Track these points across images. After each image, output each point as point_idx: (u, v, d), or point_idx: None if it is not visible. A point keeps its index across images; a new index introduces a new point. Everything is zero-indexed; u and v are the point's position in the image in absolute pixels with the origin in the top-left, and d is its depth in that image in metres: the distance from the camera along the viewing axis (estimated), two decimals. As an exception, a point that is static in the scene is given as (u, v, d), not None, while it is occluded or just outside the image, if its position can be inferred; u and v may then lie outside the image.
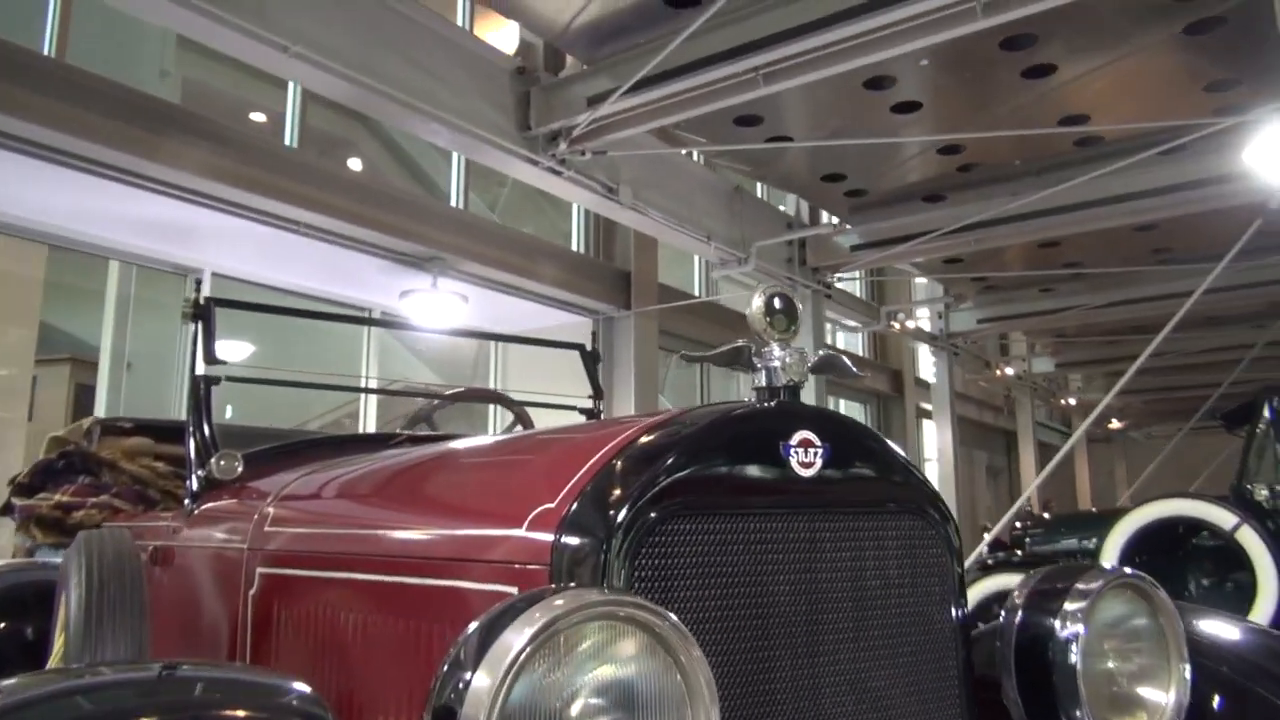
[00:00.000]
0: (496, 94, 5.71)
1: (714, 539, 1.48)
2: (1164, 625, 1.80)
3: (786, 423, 1.60)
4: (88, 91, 5.27)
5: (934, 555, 1.72)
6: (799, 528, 1.57)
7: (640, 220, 6.90)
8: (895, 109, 6.52)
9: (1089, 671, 1.72)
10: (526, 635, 1.13)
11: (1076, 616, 1.74)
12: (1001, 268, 10.09)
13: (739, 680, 1.46)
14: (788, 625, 1.52)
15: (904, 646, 1.64)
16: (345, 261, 7.08)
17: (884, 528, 1.67)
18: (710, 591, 1.46)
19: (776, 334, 1.66)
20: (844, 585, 1.59)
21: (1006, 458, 18.45)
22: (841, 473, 1.64)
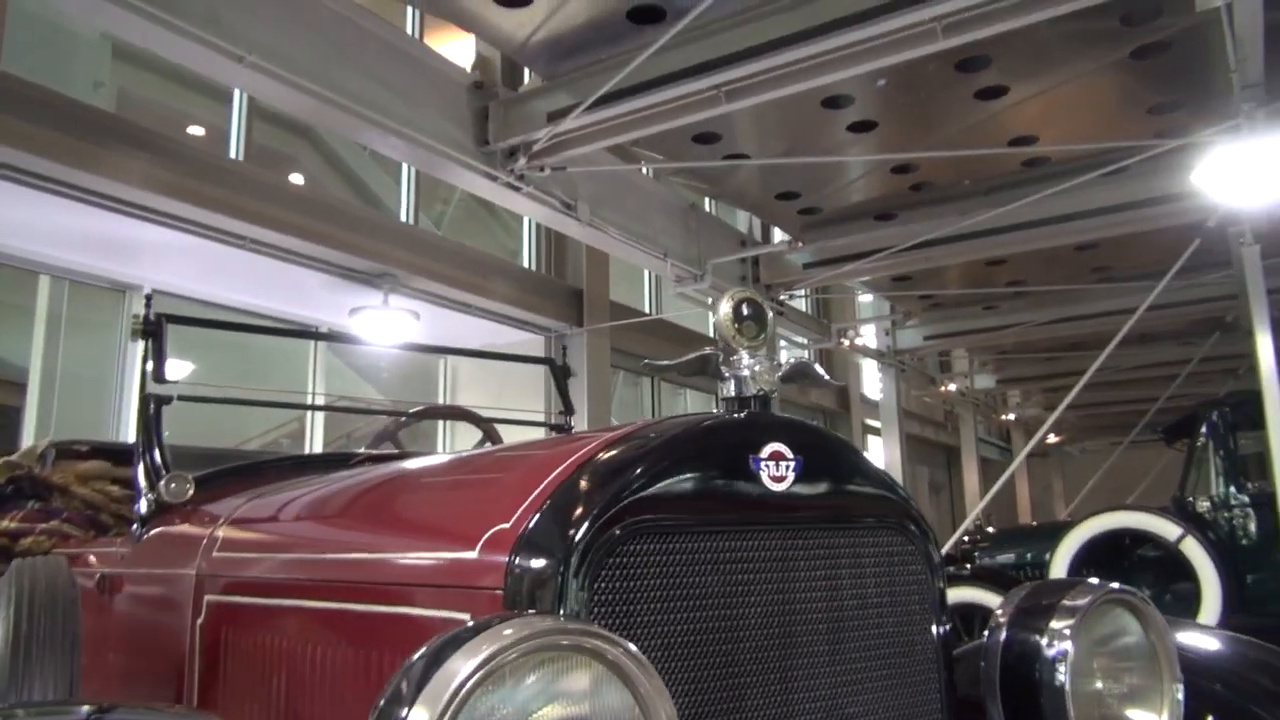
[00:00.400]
0: (454, 109, 5.61)
1: (680, 559, 1.40)
2: (1155, 643, 1.73)
3: (757, 435, 1.52)
4: (22, 100, 5.04)
5: (914, 572, 1.66)
6: (771, 545, 1.49)
7: (598, 237, 6.85)
8: (851, 128, 6.58)
9: (1077, 692, 1.65)
10: (470, 667, 1.05)
11: (1064, 634, 1.66)
12: (946, 285, 10.27)
13: (708, 709, 1.38)
14: (759, 649, 1.45)
15: (882, 669, 1.58)
16: (293, 278, 6.89)
17: (861, 544, 1.60)
18: (676, 615, 1.39)
19: (745, 341, 1.60)
20: (819, 605, 1.52)
21: (947, 473, 18.77)
22: (815, 487, 1.57)
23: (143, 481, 2.52)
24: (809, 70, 5.05)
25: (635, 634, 1.33)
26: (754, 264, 8.82)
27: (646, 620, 1.36)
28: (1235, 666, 2.04)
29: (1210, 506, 7.33)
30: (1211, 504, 7.33)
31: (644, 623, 1.35)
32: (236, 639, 1.92)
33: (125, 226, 5.84)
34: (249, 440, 8.25)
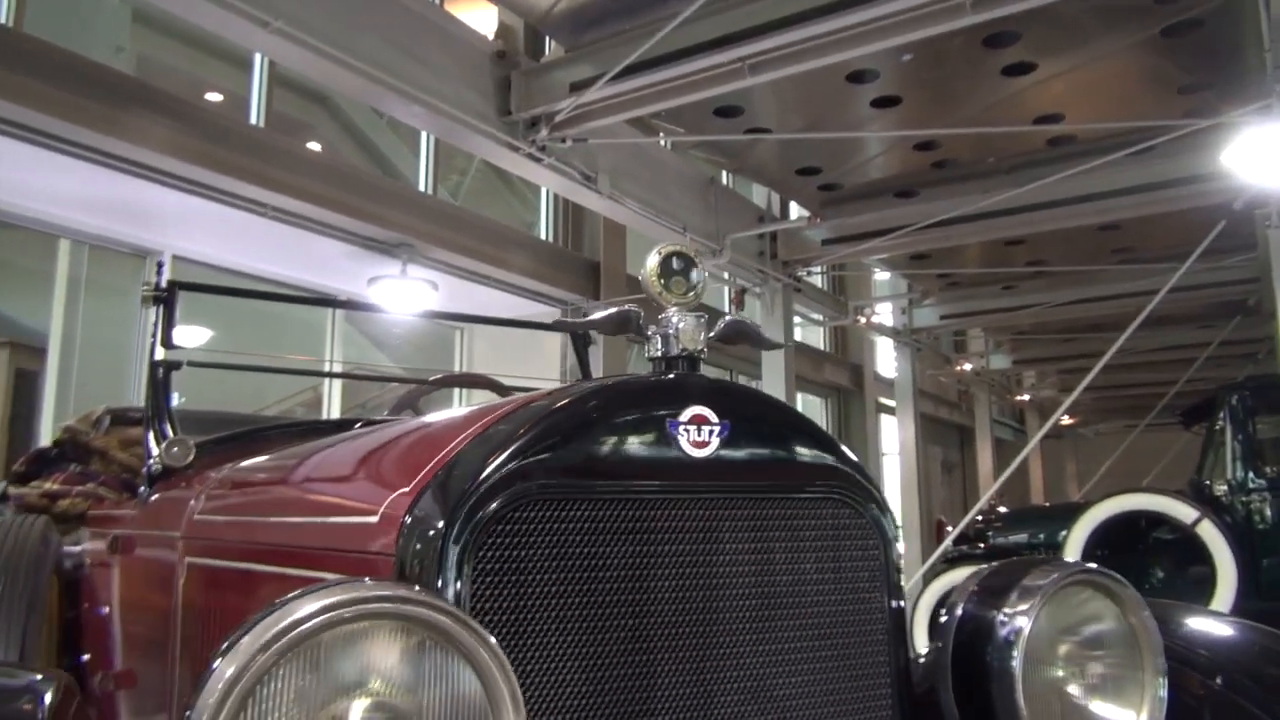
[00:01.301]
0: (476, 78, 5.58)
1: (583, 527, 1.32)
2: (1136, 630, 1.58)
3: (677, 397, 1.42)
4: (47, 63, 5.04)
5: (862, 546, 1.54)
6: (692, 515, 1.40)
7: (617, 209, 6.82)
8: (874, 103, 6.52)
9: (1032, 679, 1.52)
10: (275, 630, 1.01)
11: (1019, 616, 1.53)
12: (964, 264, 10.21)
13: (611, 685, 1.31)
14: (674, 624, 1.36)
15: (823, 649, 1.48)
16: (312, 246, 6.89)
17: (799, 515, 1.49)
18: (576, 586, 1.31)
19: (674, 298, 1.50)
20: (748, 580, 1.42)
21: (960, 453, 18.73)
22: (746, 453, 1.46)
23: (152, 445, 2.56)
24: (835, 44, 4.99)
25: (525, 604, 1.28)
26: (772, 239, 8.78)
27: (540, 591, 1.29)
28: (1242, 657, 1.89)
29: (1227, 490, 7.30)
30: (1229, 488, 7.30)
31: (536, 593, 1.28)
32: (209, 600, 1.94)
33: (146, 191, 5.85)
34: (266, 407, 8.31)
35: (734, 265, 8.09)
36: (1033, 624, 1.52)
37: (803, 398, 13.39)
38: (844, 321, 11.07)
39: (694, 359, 1.49)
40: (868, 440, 14.17)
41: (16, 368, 8.67)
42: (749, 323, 1.70)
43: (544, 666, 1.28)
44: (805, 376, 11.46)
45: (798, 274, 9.03)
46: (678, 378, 1.47)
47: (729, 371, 11.96)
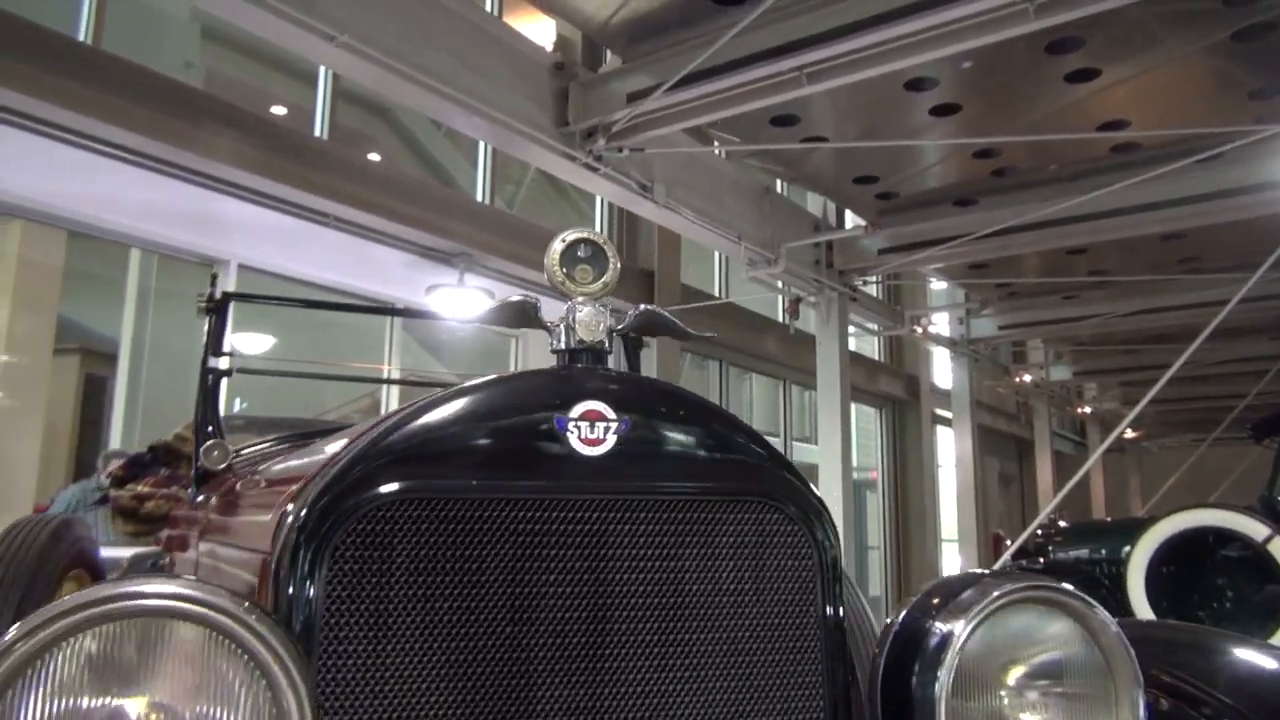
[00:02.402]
0: (535, 89, 5.65)
1: (454, 530, 1.24)
2: (1108, 657, 1.39)
3: (567, 391, 1.32)
4: (123, 79, 5.21)
5: (792, 554, 1.40)
6: (583, 519, 1.29)
7: (673, 219, 6.84)
8: (933, 111, 6.45)
9: (974, 710, 1.36)
10: (41, 619, 0.99)
11: (951, 637, 1.35)
12: (1023, 274, 10.04)
13: (481, 700, 1.23)
14: (561, 637, 1.26)
15: (741, 668, 1.35)
16: (372, 255, 7.02)
17: (716, 521, 1.36)
18: (445, 592, 1.23)
19: (579, 288, 1.41)
20: (651, 591, 1.31)
21: (1018, 465, 18.39)
22: (650, 453, 1.35)
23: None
24: (894, 52, 4.96)
25: (388, 609, 1.22)
26: (827, 248, 8.73)
27: (405, 595, 1.22)
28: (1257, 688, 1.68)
29: (1300, 507, 7.07)
30: (1302, 505, 7.07)
31: (401, 598, 1.22)
32: None
33: (213, 201, 6.01)
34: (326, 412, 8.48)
35: (789, 274, 8.05)
36: (962, 647, 1.35)
37: (856, 408, 13.29)
38: (900, 331, 10.95)
39: (599, 352, 1.41)
40: (923, 452, 13.98)
41: (87, 373, 8.96)
42: (663, 312, 1.58)
43: (407, 674, 1.21)
44: (859, 387, 11.36)
45: (853, 283, 8.96)
46: (569, 371, 1.39)
47: (782, 382, 11.91)
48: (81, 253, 7.66)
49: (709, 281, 11.17)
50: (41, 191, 5.84)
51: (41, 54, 4.80)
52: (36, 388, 7.57)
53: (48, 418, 7.69)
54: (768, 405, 12.77)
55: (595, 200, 9.54)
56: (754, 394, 13.25)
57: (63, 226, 6.51)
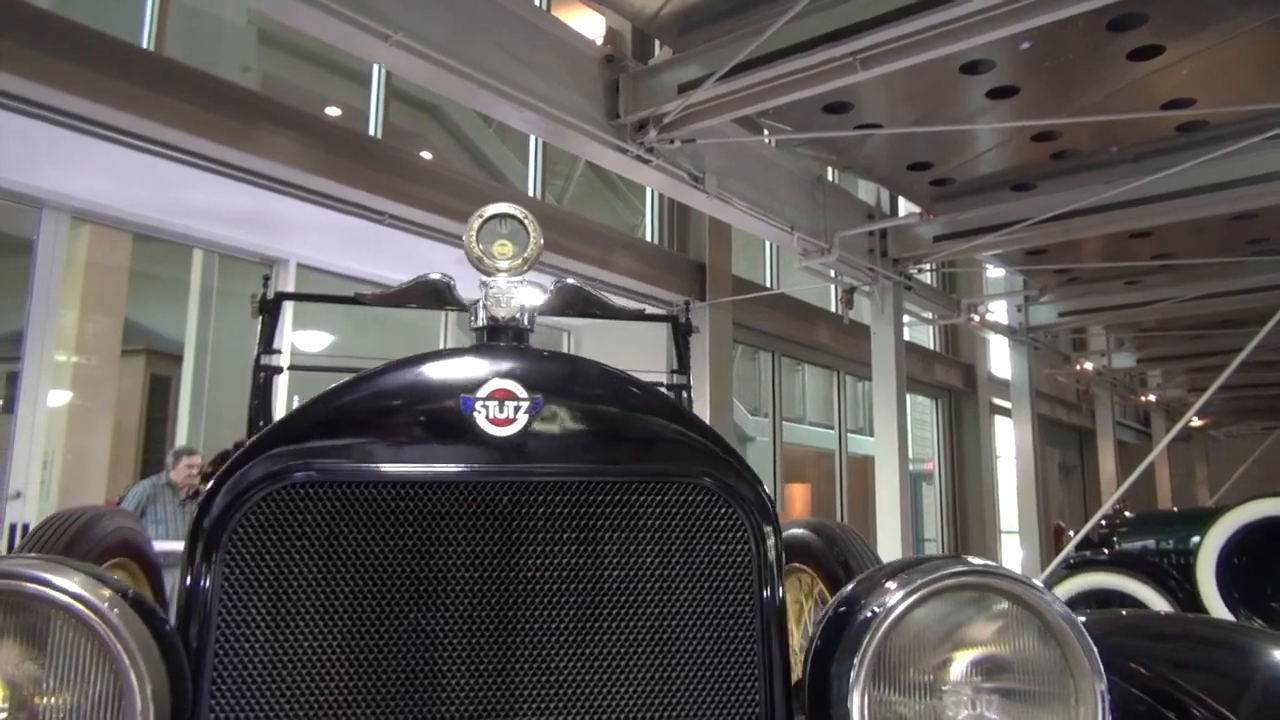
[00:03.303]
0: (586, 82, 5.66)
1: (357, 513, 1.22)
2: (1065, 649, 1.24)
3: (476, 371, 1.28)
4: (185, 84, 5.32)
5: (725, 538, 1.32)
6: (493, 501, 1.24)
7: (725, 209, 6.81)
8: (990, 94, 6.33)
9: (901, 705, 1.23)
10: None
11: (866, 628, 1.23)
12: (1083, 259, 9.80)
13: (383, 686, 1.19)
14: (471, 623, 1.22)
15: (667, 657, 1.27)
16: (426, 252, 7.09)
17: (639, 505, 1.29)
18: (347, 576, 1.20)
19: (497, 264, 1.37)
20: (565, 578, 1.25)
21: (1079, 455, 18.01)
22: (566, 432, 1.29)
23: None
24: (949, 34, 4.87)
25: (287, 596, 1.20)
26: (881, 237, 8.61)
27: (304, 580, 1.20)
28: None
29: (1381, 495, 6.80)
30: (1382, 493, 6.80)
31: (300, 583, 1.20)
32: None
33: (273, 202, 6.11)
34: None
35: (842, 264, 7.96)
36: (885, 633, 1.22)
37: (912, 399, 13.11)
38: (956, 320, 10.77)
39: (520, 330, 1.37)
40: (981, 443, 13.75)
41: (153, 373, 9.19)
42: (587, 288, 1.53)
43: (306, 658, 1.20)
44: (915, 377, 11.20)
45: (908, 272, 8.84)
46: (478, 350, 1.34)
47: (835, 373, 11.80)
48: (146, 255, 7.86)
49: (758, 273, 11.10)
50: (108, 195, 6.00)
51: (107, 60, 4.92)
52: (106, 388, 7.79)
53: (116, 416, 7.91)
54: (821, 397, 12.66)
55: (645, 193, 9.53)
56: (806, 385, 13.15)
57: (128, 229, 6.69)
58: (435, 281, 1.51)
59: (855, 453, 12.02)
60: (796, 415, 12.44)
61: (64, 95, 4.72)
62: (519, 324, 1.38)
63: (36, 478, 5.86)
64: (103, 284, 7.55)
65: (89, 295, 7.49)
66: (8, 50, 4.48)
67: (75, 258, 6.85)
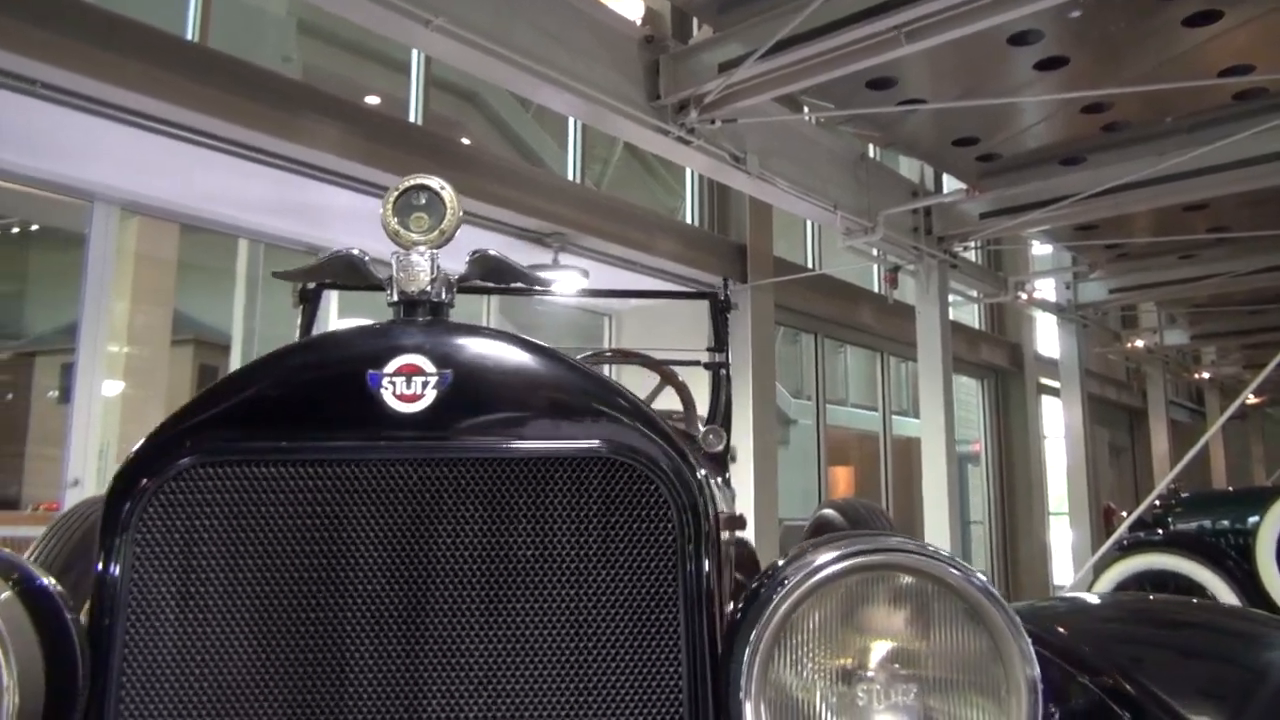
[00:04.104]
0: (626, 63, 5.62)
1: (261, 487, 1.21)
2: (996, 639, 1.14)
3: (384, 346, 1.26)
4: (229, 74, 5.37)
5: (646, 515, 1.26)
6: (401, 478, 1.22)
7: (766, 189, 6.74)
8: (1038, 66, 6.19)
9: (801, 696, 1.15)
10: None
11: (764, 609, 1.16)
12: (1135, 234, 9.58)
13: (296, 667, 1.19)
14: (376, 601, 1.20)
15: (582, 639, 1.23)
16: (469, 238, 7.09)
17: (553, 482, 1.25)
18: (253, 556, 1.20)
19: (414, 237, 1.33)
20: (475, 558, 1.23)
21: (1130, 436, 17.68)
22: (476, 409, 1.26)
23: None
24: (998, 4, 4.76)
25: (196, 577, 1.20)
26: (926, 214, 8.48)
27: (210, 562, 1.20)
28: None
29: None
30: None
31: (207, 564, 1.20)
32: None
33: (316, 190, 6.16)
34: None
35: (886, 243, 7.86)
36: (783, 615, 1.15)
37: (957, 380, 12.94)
38: (1004, 298, 10.59)
39: (436, 304, 1.34)
40: (1028, 423, 13.55)
41: (201, 363, 9.35)
42: (500, 256, 1.48)
43: (214, 641, 1.20)
44: (960, 357, 11.05)
45: (954, 250, 8.70)
46: (388, 325, 1.32)
47: (879, 354, 11.68)
48: (193, 246, 7.98)
49: (799, 253, 11.00)
50: (156, 187, 6.09)
51: (154, 53, 4.97)
52: (158, 377, 7.93)
53: (168, 405, 8.05)
54: (864, 378, 12.54)
55: (685, 174, 9.48)
56: (849, 367, 13.03)
57: (175, 220, 6.78)
58: (349, 257, 1.47)
59: (899, 435, 11.90)
60: (839, 397, 12.34)
61: (114, 89, 4.79)
62: (431, 298, 1.34)
63: (93, 466, 5.98)
64: (152, 275, 7.67)
65: (139, 286, 7.61)
66: (62, 46, 4.54)
67: (125, 249, 6.96)
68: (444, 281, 1.35)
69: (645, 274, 8.19)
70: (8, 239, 8.47)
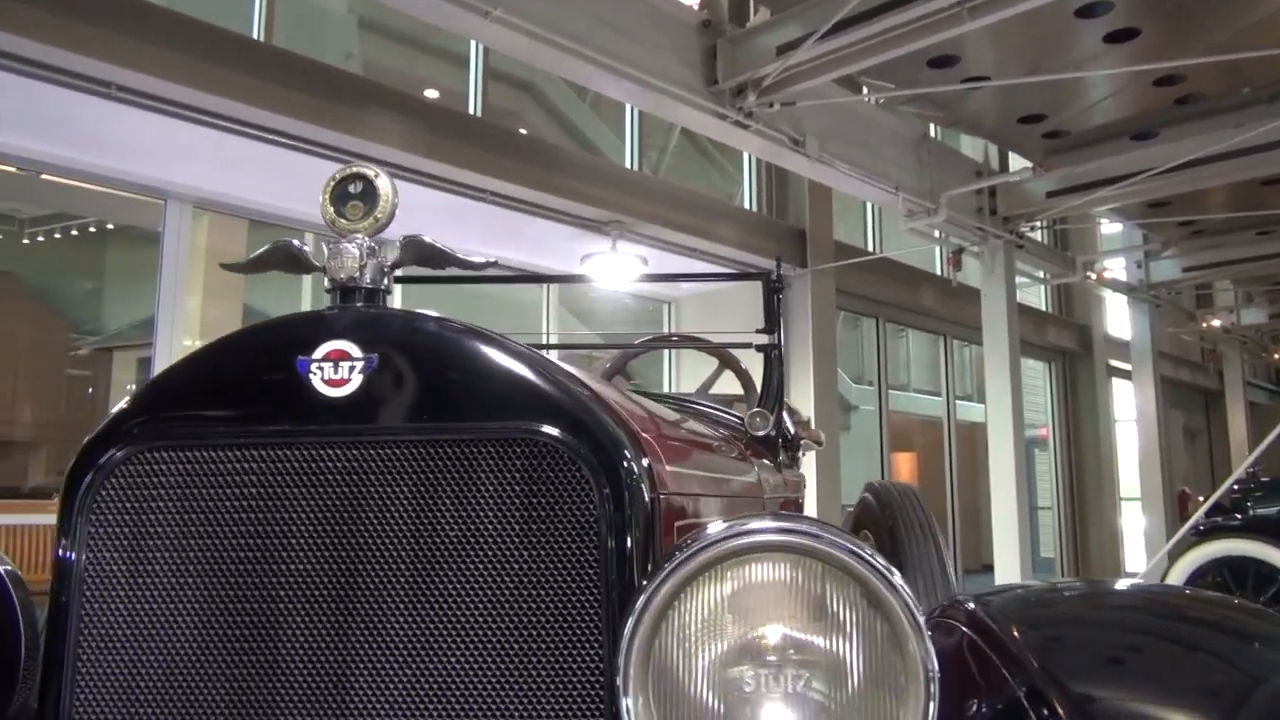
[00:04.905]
0: (683, 49, 5.60)
1: (202, 475, 1.28)
2: (895, 627, 1.08)
3: (313, 332, 1.30)
4: (294, 72, 5.47)
5: (568, 495, 1.25)
6: (331, 457, 1.27)
7: (826, 173, 6.67)
8: (1107, 38, 6.01)
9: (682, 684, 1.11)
10: None
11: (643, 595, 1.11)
12: (1209, 210, 9.27)
13: (230, 646, 1.25)
14: (310, 582, 1.25)
15: (505, 618, 1.23)
16: (528, 228, 7.17)
17: (477, 461, 1.26)
18: (196, 536, 1.27)
19: (350, 226, 1.36)
20: (404, 536, 1.25)
21: (1205, 418, 17.16)
22: (402, 391, 1.28)
23: None
24: (1067, -25, 4.64)
25: (146, 557, 1.28)
26: (990, 194, 8.31)
27: (158, 542, 1.28)
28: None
29: None
30: None
31: (155, 545, 1.28)
32: None
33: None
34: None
35: (949, 224, 7.72)
36: (658, 599, 1.10)
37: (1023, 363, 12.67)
38: (1072, 279, 10.34)
39: (371, 291, 1.36)
40: (1098, 407, 13.22)
41: (270, 356, 9.54)
42: (432, 242, 1.48)
43: (163, 617, 1.27)
44: (1026, 339, 10.82)
45: (1019, 230, 8.51)
46: (319, 312, 1.35)
47: (942, 338, 11.50)
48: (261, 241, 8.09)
49: (859, 237, 10.87)
50: (225, 184, 6.24)
51: (222, 53, 5.10)
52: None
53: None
54: (926, 363, 12.36)
55: (743, 159, 9.42)
56: (911, 351, 12.85)
57: (244, 217, 6.95)
58: (289, 246, 1.49)
59: (963, 420, 11.71)
60: (901, 383, 12.18)
61: (186, 89, 4.92)
62: (362, 284, 1.37)
63: (171, 456, 6.18)
64: (222, 272, 7.86)
65: (210, 282, 7.82)
66: (137, 50, 4.68)
67: (196, 246, 7.15)
68: (377, 269, 1.37)
69: (704, 260, 8.17)
70: (86, 238, 8.77)
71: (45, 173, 5.70)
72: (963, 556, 11.07)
